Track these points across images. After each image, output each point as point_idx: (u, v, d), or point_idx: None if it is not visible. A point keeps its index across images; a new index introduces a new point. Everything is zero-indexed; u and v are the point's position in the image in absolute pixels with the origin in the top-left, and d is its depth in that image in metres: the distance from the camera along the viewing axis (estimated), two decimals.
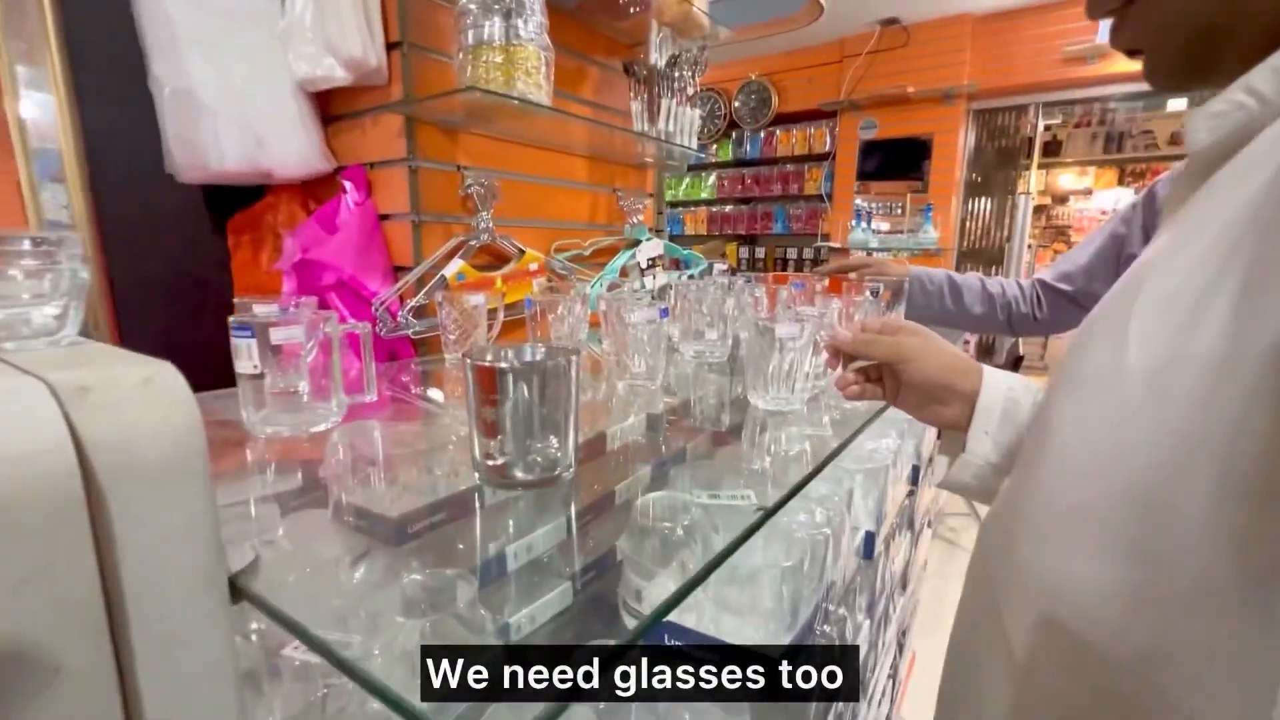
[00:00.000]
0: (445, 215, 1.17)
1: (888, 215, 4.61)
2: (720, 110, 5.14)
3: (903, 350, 0.55)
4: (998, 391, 0.53)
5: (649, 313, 0.69)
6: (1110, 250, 1.21)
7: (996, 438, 0.52)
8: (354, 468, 0.64)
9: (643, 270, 1.55)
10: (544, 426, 0.43)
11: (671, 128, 1.42)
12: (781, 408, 0.65)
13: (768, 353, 0.62)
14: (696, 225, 5.55)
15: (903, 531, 1.07)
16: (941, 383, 0.54)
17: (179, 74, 1.02)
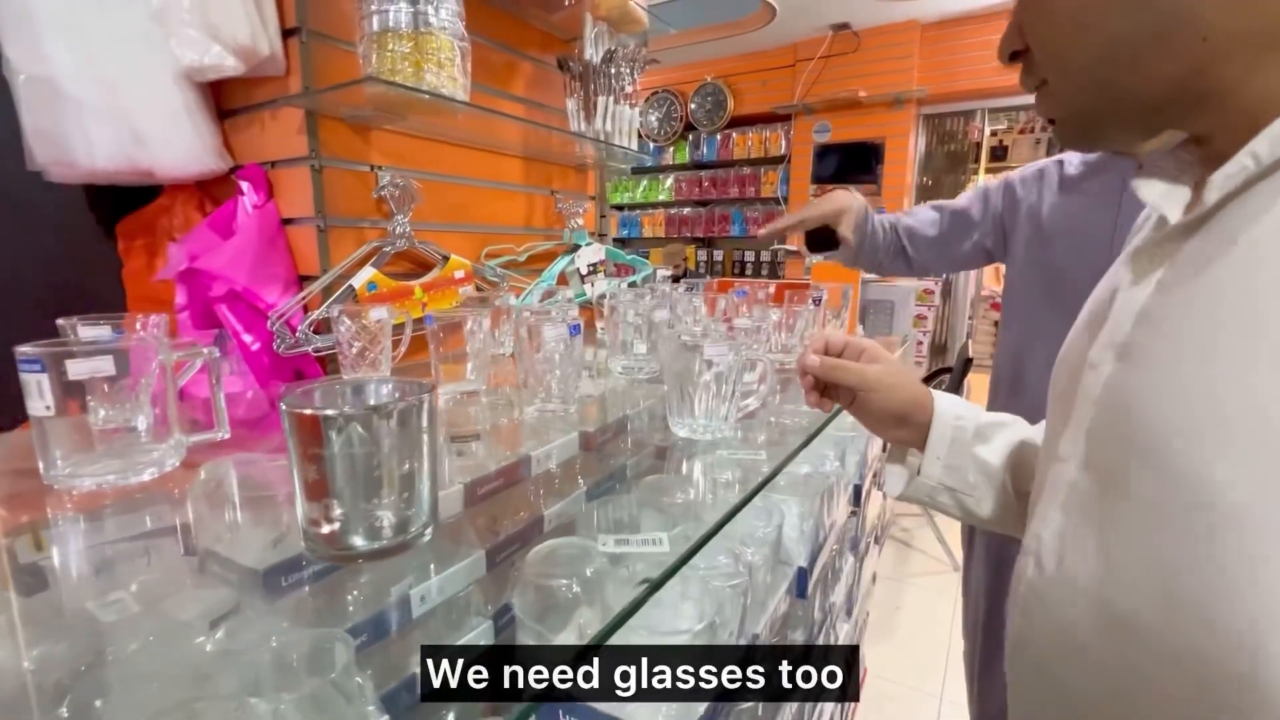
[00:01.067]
0: (358, 219, 1.07)
1: None
2: (677, 112, 5.11)
3: (868, 380, 0.58)
4: (947, 421, 0.59)
5: (558, 330, 0.61)
6: (953, 231, 1.24)
7: (947, 461, 0.59)
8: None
9: (583, 277, 1.47)
10: (389, 482, 0.35)
11: (609, 127, 1.35)
12: (704, 436, 0.58)
13: (692, 373, 0.55)
14: (655, 228, 5.50)
15: (844, 556, 1.02)
16: (901, 414, 0.59)
17: (36, 59, 0.90)
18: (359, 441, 0.33)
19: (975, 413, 0.60)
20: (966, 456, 0.58)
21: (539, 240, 1.46)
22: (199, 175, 1.03)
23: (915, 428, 0.60)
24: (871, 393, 0.59)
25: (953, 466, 0.59)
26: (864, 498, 1.05)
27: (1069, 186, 1.07)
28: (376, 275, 1.02)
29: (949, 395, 0.61)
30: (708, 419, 0.58)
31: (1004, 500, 0.59)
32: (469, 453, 0.75)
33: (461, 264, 1.18)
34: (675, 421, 0.59)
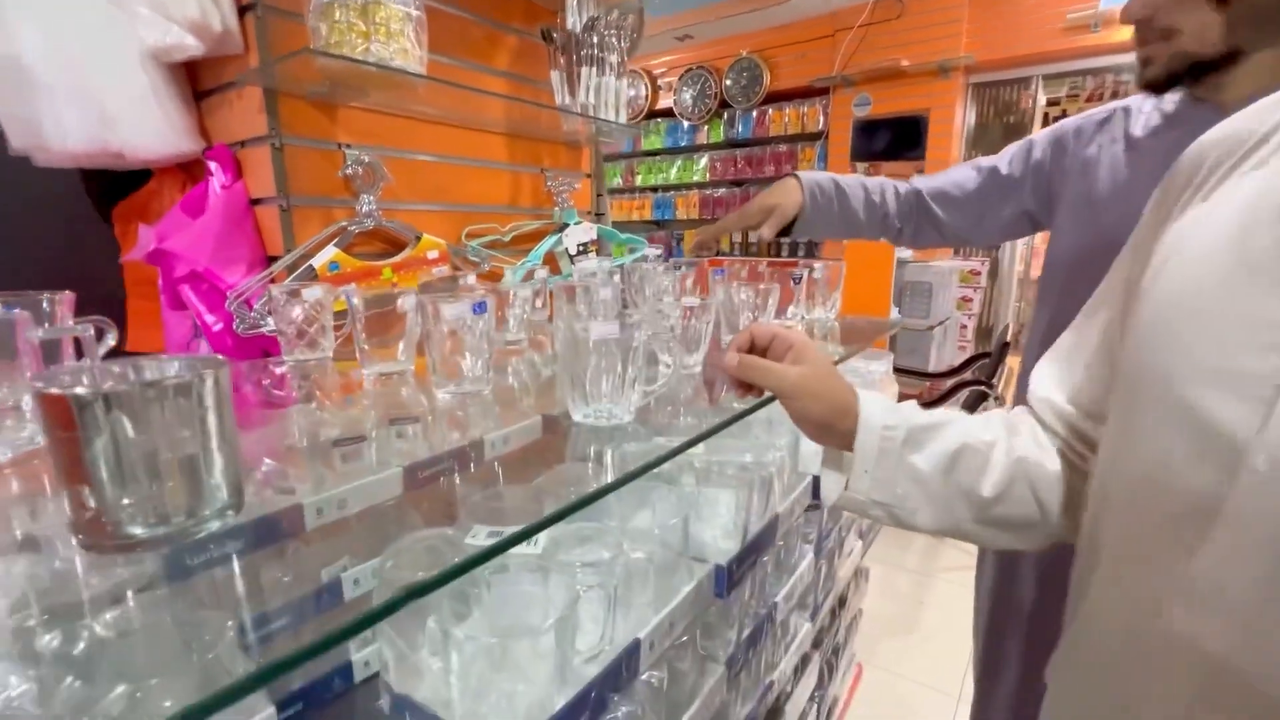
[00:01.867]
0: (325, 199, 1.06)
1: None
2: (711, 89, 4.97)
3: (785, 386, 0.54)
4: (874, 430, 0.54)
5: (459, 308, 0.58)
6: (991, 192, 1.06)
7: (875, 474, 0.54)
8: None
9: (572, 257, 1.43)
10: (165, 466, 0.32)
11: (592, 100, 1.29)
12: (602, 423, 0.54)
13: (582, 356, 0.51)
14: (689, 209, 5.40)
15: (797, 552, 0.94)
16: (823, 423, 0.55)
17: (4, 39, 0.91)
18: (123, 423, 0.31)
19: (906, 417, 0.54)
20: (897, 467, 0.53)
21: (527, 220, 1.42)
22: (170, 157, 1.04)
23: (841, 435, 0.55)
24: (790, 400, 0.55)
25: (882, 480, 0.54)
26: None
27: (1136, 140, 0.88)
28: (339, 255, 1.01)
29: (877, 398, 0.56)
30: (609, 403, 0.53)
31: (943, 509, 0.54)
32: (407, 436, 0.73)
33: (435, 244, 1.16)
34: (573, 408, 0.55)
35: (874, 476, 0.54)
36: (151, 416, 0.32)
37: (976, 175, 1.08)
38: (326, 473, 0.66)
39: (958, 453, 0.53)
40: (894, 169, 4.42)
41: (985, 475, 0.52)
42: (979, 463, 0.52)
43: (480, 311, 0.59)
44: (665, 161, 5.46)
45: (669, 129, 5.33)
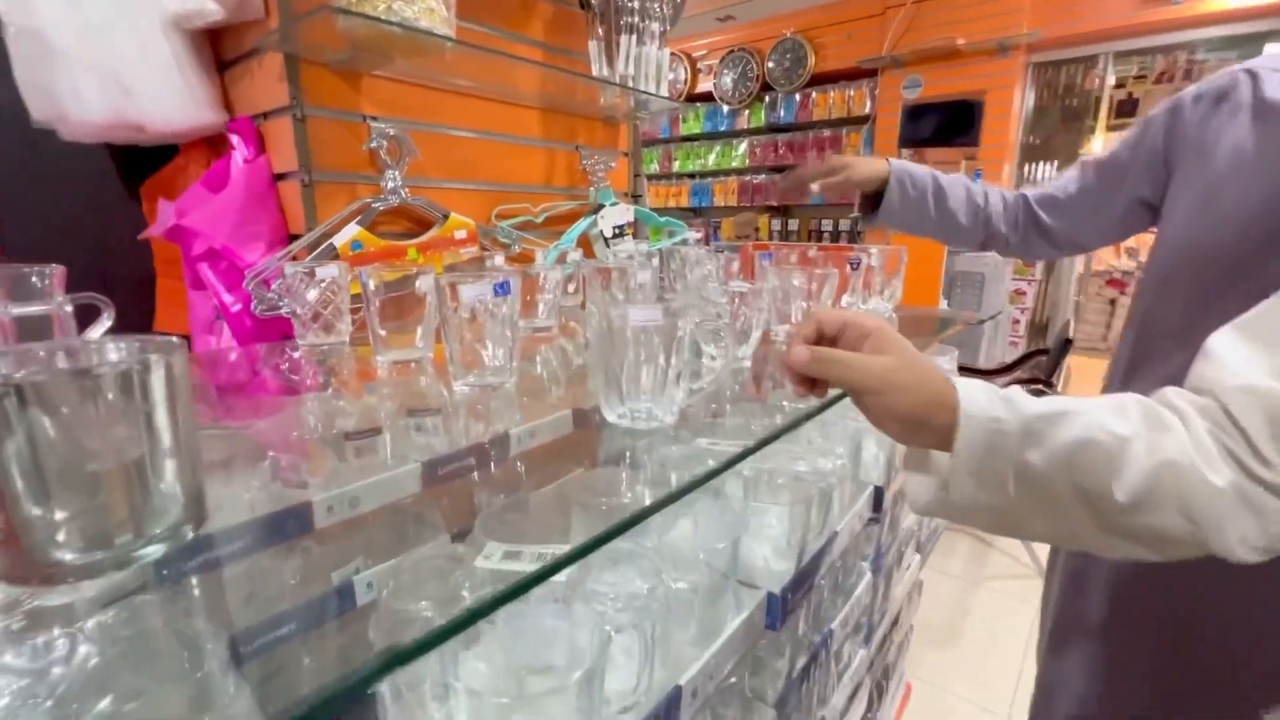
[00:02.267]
0: (350, 174, 1.00)
1: None
2: (753, 71, 4.81)
3: (870, 380, 0.46)
4: (980, 423, 0.44)
5: (478, 289, 0.51)
6: (1099, 184, 0.94)
7: (982, 475, 0.45)
8: None
9: (607, 240, 1.36)
10: (99, 474, 0.26)
11: (631, 70, 1.21)
12: (640, 424, 0.46)
13: (619, 346, 0.43)
14: (727, 196, 5.27)
15: (855, 573, 0.85)
16: (913, 419, 0.46)
17: (24, 9, 0.88)
18: (43, 421, 0.24)
19: (1017, 405, 0.45)
20: (1008, 466, 0.44)
21: (561, 200, 1.35)
22: (191, 130, 1.00)
23: (937, 430, 0.46)
24: (872, 396, 0.46)
25: (990, 481, 0.44)
26: (889, 501, 0.87)
27: (1266, 110, 0.74)
28: (362, 234, 0.96)
29: (978, 384, 0.46)
30: (649, 401, 0.45)
31: (1061, 515, 0.44)
32: (426, 429, 0.67)
33: (463, 223, 1.10)
34: (606, 407, 0.47)
35: (981, 478, 0.44)
36: (82, 413, 0.25)
37: (1081, 173, 0.97)
38: (339, 467, 0.61)
39: (1081, 447, 0.43)
40: (944, 156, 4.21)
41: (1118, 476, 0.42)
42: (1108, 460, 0.42)
43: (503, 293, 0.52)
44: (703, 147, 5.33)
45: (708, 114, 5.20)
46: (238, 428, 0.64)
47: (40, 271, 0.53)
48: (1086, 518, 0.44)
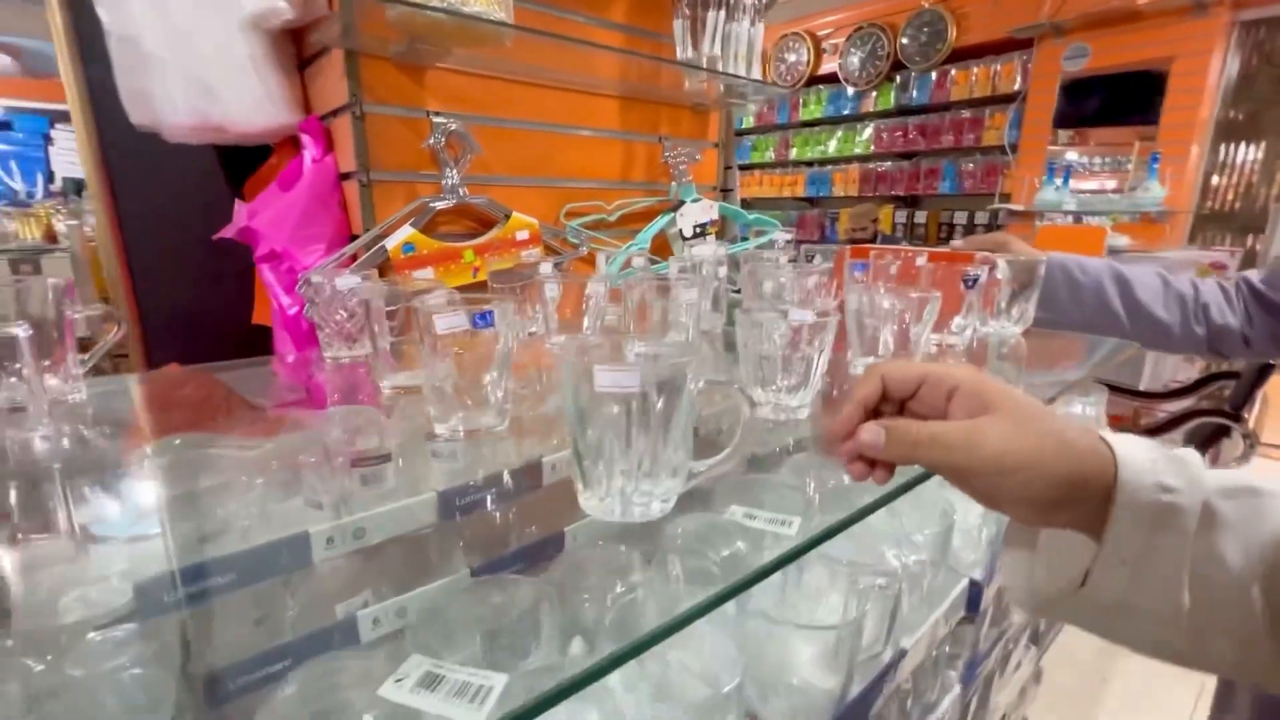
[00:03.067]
0: (409, 173, 0.97)
1: (1099, 171, 3.66)
2: (883, 49, 4.41)
3: (979, 461, 0.32)
4: (1144, 497, 0.31)
5: (453, 319, 0.42)
6: None
7: (1140, 564, 0.32)
8: None
9: (685, 239, 1.24)
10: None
11: (718, 51, 1.08)
12: (617, 519, 0.35)
13: (587, 418, 0.32)
14: (848, 185, 4.90)
15: (936, 686, 0.67)
16: (1050, 501, 0.32)
17: (124, 18, 0.91)
18: None
19: (1194, 472, 0.32)
20: (1182, 555, 0.31)
21: (638, 196, 1.25)
22: (268, 130, 1.01)
23: (1078, 506, 0.32)
24: (991, 478, 0.33)
25: (1153, 573, 0.31)
26: (988, 596, 0.68)
27: None
28: (415, 235, 0.92)
29: (1138, 442, 0.33)
30: (618, 494, 0.34)
31: (1247, 629, 0.31)
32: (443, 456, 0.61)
33: (526, 223, 1.03)
34: (580, 489, 0.36)
35: (1140, 570, 0.31)
36: None
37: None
38: (341, 495, 0.56)
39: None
40: (1112, 136, 3.63)
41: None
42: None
43: (483, 325, 0.43)
44: (824, 132, 4.99)
45: (830, 97, 4.85)
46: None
47: (50, 285, 0.52)
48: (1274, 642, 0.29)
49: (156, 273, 1.25)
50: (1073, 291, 0.92)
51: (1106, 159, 3.68)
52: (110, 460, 0.54)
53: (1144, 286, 0.91)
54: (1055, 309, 0.95)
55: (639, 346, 0.38)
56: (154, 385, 0.79)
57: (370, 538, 0.52)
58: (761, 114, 5.30)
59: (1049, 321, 0.95)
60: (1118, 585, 0.32)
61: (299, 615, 0.61)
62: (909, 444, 0.34)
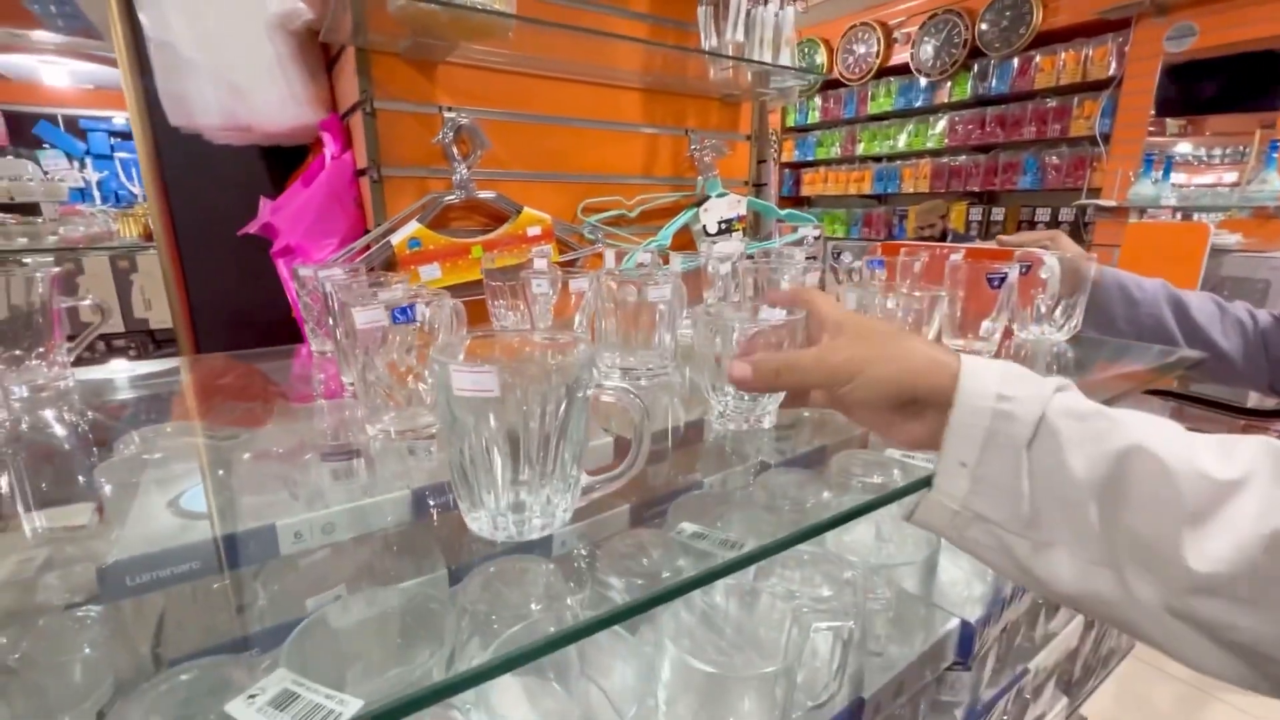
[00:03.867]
0: (419, 168, 0.97)
1: (1216, 164, 3.30)
2: (959, 36, 4.15)
3: (830, 369, 0.37)
4: (980, 405, 0.34)
5: (371, 313, 0.40)
6: None
7: (979, 470, 0.34)
8: None
9: (710, 235, 1.19)
10: None
11: (741, 37, 1.02)
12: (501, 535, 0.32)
13: (457, 427, 0.29)
14: (918, 181, 4.66)
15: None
16: (894, 406, 0.36)
17: (161, 24, 0.96)
18: None
19: (1036, 390, 0.34)
20: (1017, 462, 0.33)
21: (664, 191, 1.21)
22: (293, 129, 1.04)
23: (923, 413, 0.36)
24: (848, 385, 0.37)
25: (992, 481, 0.34)
26: (989, 637, 0.59)
27: None
28: (420, 231, 0.92)
29: (995, 362, 0.36)
30: (509, 510, 0.30)
31: (1086, 550, 0.31)
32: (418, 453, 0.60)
33: (537, 219, 1.02)
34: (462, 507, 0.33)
35: (977, 474, 0.34)
36: None
37: None
38: (309, 490, 0.55)
39: (1144, 473, 0.29)
40: (1228, 124, 3.27)
41: (1195, 533, 0.28)
42: (1186, 505, 0.28)
43: (404, 320, 0.41)
44: (893, 126, 4.75)
45: (900, 89, 4.61)
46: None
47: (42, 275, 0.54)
48: (1145, 583, 0.29)
49: (205, 267, 1.32)
50: (1129, 309, 0.82)
51: (1226, 150, 3.31)
52: (79, 447, 0.56)
53: (1200, 310, 0.82)
54: (1110, 327, 0.86)
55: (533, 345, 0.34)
56: (149, 376, 0.82)
57: (339, 533, 0.51)
58: (827, 108, 5.12)
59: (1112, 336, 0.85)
60: (959, 487, 0.34)
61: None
62: (771, 372, 0.38)
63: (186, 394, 0.78)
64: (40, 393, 0.56)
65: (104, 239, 2.99)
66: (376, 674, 0.41)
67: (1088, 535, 0.31)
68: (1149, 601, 0.30)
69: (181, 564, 0.47)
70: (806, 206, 5.64)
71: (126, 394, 0.69)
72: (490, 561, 0.43)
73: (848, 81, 4.87)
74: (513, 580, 0.39)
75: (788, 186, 5.67)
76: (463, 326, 0.50)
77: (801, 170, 5.57)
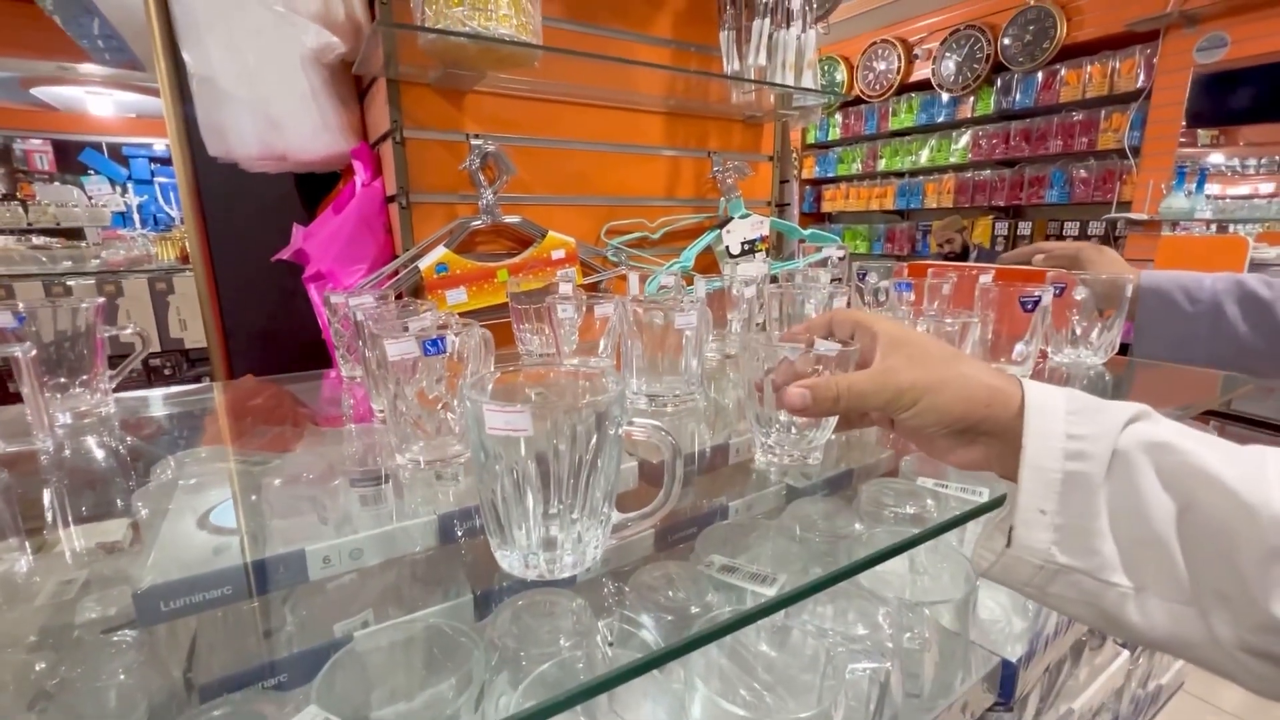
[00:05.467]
0: (447, 194, 0.99)
1: (1252, 175, 3.23)
2: (982, 51, 4.14)
3: (893, 393, 0.35)
4: (1052, 445, 0.31)
5: (404, 345, 0.40)
6: None
7: (1060, 518, 0.32)
8: None
9: (733, 256, 1.19)
10: None
11: (763, 61, 1.03)
12: (535, 574, 0.31)
13: (488, 464, 0.29)
14: (941, 196, 4.62)
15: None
16: (958, 431, 0.35)
17: (203, 61, 1.00)
18: None
19: (1108, 420, 0.32)
20: (1097, 505, 0.31)
21: (687, 213, 1.22)
22: (326, 157, 1.06)
23: (987, 440, 0.35)
24: (900, 413, 0.36)
25: (1073, 528, 0.31)
26: (1032, 677, 0.56)
27: None
28: (447, 256, 0.93)
29: (1055, 390, 0.34)
30: (538, 548, 0.30)
31: (1174, 589, 0.30)
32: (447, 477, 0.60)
33: (561, 242, 1.03)
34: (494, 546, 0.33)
35: (1057, 522, 0.32)
36: None
37: None
38: (338, 515, 0.56)
39: (1213, 500, 0.28)
40: (1264, 135, 3.19)
41: (1269, 574, 0.26)
42: (1267, 541, 0.27)
43: (435, 352, 0.41)
44: (915, 141, 4.73)
45: (922, 105, 4.60)
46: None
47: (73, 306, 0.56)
48: (1226, 623, 0.28)
49: (239, 290, 1.35)
50: (1178, 325, 0.77)
51: (1262, 160, 3.24)
52: (118, 473, 0.57)
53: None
54: (1161, 346, 0.80)
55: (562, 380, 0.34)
56: (183, 398, 0.84)
57: (367, 558, 0.52)
58: (847, 124, 5.12)
59: (1166, 358, 0.80)
60: (1041, 539, 0.32)
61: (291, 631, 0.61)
62: (830, 399, 0.36)
63: (220, 418, 0.80)
64: (83, 419, 0.57)
65: (143, 262, 3.09)
66: (406, 712, 0.41)
67: (1172, 576, 0.29)
68: (1227, 640, 0.29)
69: (214, 589, 0.48)
70: (828, 222, 5.62)
71: (163, 419, 0.71)
72: (519, 595, 0.42)
73: (868, 98, 4.87)
74: (542, 615, 0.39)
75: (808, 203, 5.66)
76: (491, 355, 0.50)
77: (822, 187, 5.56)
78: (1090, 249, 0.86)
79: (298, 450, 0.69)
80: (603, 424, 0.29)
